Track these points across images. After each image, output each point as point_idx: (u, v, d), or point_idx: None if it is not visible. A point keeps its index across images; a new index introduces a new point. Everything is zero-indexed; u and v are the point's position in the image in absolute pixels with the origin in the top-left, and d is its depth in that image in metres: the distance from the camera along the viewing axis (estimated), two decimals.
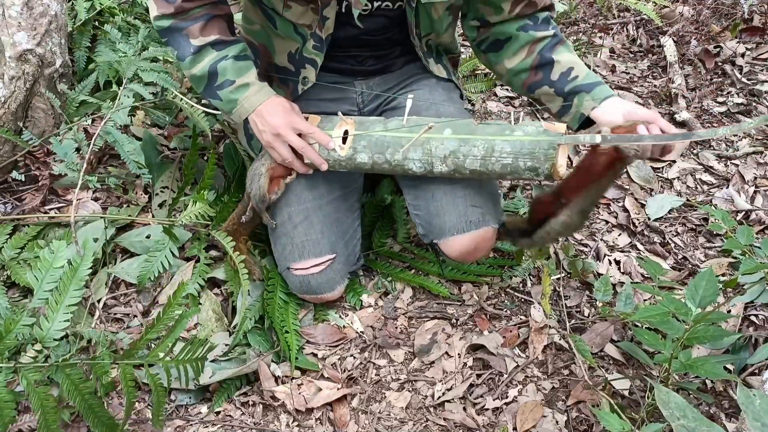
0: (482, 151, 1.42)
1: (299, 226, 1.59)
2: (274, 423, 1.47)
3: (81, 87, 1.87)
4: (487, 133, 1.43)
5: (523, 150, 1.40)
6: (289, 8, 1.48)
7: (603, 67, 2.70)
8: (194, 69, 1.49)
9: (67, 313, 1.23)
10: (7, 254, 1.61)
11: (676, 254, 1.92)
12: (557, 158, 1.40)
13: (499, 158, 1.42)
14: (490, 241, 1.59)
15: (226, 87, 1.49)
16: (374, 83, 1.69)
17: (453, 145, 1.44)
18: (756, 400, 1.06)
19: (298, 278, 1.61)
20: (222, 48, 1.49)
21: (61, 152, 1.60)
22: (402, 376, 1.57)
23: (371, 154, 1.49)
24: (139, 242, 1.71)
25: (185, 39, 1.48)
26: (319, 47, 1.54)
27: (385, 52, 1.65)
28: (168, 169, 1.90)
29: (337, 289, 1.65)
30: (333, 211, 1.64)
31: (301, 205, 1.60)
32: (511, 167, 1.42)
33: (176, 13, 1.47)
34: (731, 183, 2.16)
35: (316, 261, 1.60)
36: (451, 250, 1.57)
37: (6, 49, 1.69)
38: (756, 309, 1.67)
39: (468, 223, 1.53)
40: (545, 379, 1.56)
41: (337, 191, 1.66)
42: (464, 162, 1.44)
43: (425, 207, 1.58)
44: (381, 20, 1.53)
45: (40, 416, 1.18)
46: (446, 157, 1.45)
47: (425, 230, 1.60)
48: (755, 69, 2.69)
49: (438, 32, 1.59)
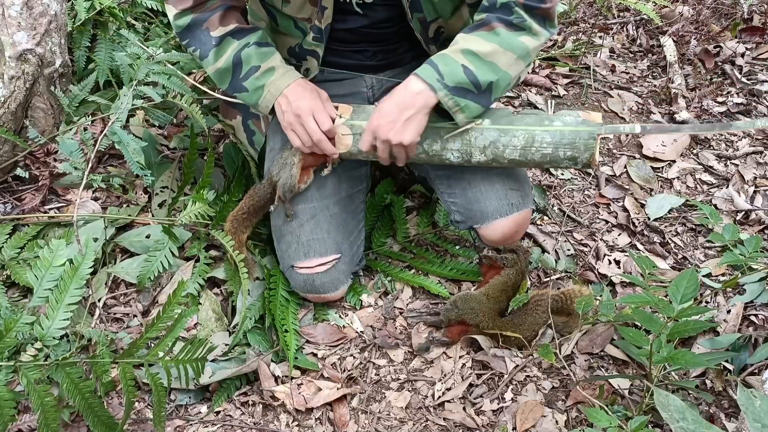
0: (522, 141, 1.43)
1: (306, 224, 1.59)
2: (273, 423, 1.47)
3: (81, 87, 1.87)
4: (526, 123, 1.44)
5: (563, 140, 1.42)
6: (288, 2, 1.48)
7: (603, 67, 2.70)
8: (218, 62, 1.49)
9: (67, 312, 1.23)
10: (7, 254, 1.61)
11: (675, 254, 1.92)
12: (596, 148, 1.43)
13: (539, 148, 1.43)
14: (528, 223, 1.62)
15: (252, 74, 1.48)
16: (384, 77, 1.68)
17: (493, 136, 1.44)
18: (756, 401, 1.06)
19: (303, 277, 1.60)
20: (242, 36, 1.49)
21: (66, 151, 1.60)
22: (402, 376, 1.57)
23: None
24: (138, 242, 1.71)
25: (206, 33, 1.48)
26: (319, 38, 1.53)
27: (392, 47, 1.64)
28: (168, 168, 1.90)
29: (341, 289, 1.65)
30: (340, 212, 1.64)
31: (309, 204, 1.60)
32: (551, 157, 1.45)
33: (195, 6, 1.47)
34: (731, 183, 2.16)
35: (322, 260, 1.60)
36: (492, 234, 1.58)
37: (6, 49, 1.69)
38: (756, 309, 1.67)
39: (510, 206, 1.54)
40: (545, 379, 1.56)
41: (344, 192, 1.66)
42: (504, 152, 1.45)
43: (462, 194, 1.58)
44: (381, 9, 1.51)
45: (40, 415, 1.18)
46: (485, 147, 1.45)
47: (463, 216, 1.60)
48: (755, 69, 2.69)
49: (444, 17, 1.53)
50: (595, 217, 2.04)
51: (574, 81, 2.60)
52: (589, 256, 1.89)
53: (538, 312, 1.60)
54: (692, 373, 1.54)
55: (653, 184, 2.16)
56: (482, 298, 1.61)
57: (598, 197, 2.11)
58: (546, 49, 2.77)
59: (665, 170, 2.23)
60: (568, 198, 2.10)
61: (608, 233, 1.99)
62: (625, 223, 2.02)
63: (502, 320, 1.61)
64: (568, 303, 1.61)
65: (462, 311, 1.58)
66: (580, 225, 2.00)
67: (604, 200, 2.10)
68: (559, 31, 2.90)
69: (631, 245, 1.95)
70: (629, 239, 1.97)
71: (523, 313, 1.61)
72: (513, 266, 1.65)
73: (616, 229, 2.01)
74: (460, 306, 1.59)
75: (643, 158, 2.25)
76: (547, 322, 1.60)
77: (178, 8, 1.47)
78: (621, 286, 1.79)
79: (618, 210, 2.07)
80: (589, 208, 2.07)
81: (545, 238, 1.92)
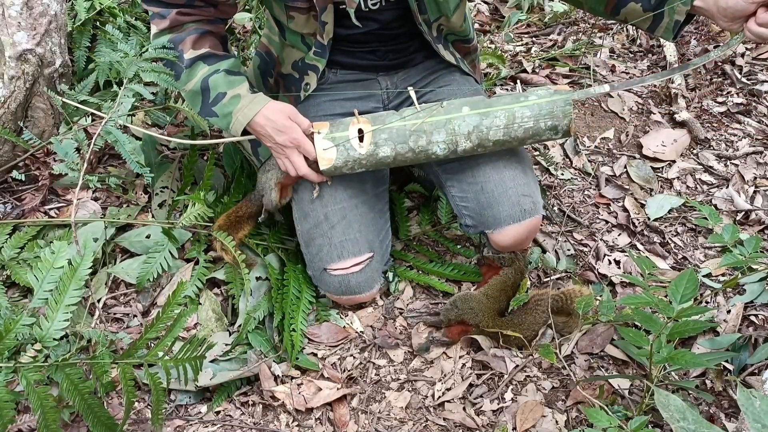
0: (504, 120, 1.48)
1: (337, 225, 1.59)
2: (273, 423, 1.47)
3: (81, 87, 1.87)
4: (503, 103, 1.50)
5: (542, 111, 1.48)
6: (292, 19, 1.50)
7: (603, 67, 2.70)
8: (189, 85, 1.51)
9: (66, 313, 1.23)
10: (7, 254, 1.61)
11: (675, 254, 1.92)
12: (572, 114, 1.48)
13: (521, 124, 1.48)
14: (537, 229, 1.64)
15: (220, 101, 1.49)
16: (398, 79, 1.69)
17: (475, 120, 1.48)
18: (756, 401, 1.06)
19: (338, 279, 1.60)
20: (213, 62, 1.51)
21: (62, 152, 1.60)
22: (402, 376, 1.57)
23: (394, 146, 1.49)
24: (138, 242, 1.71)
25: (180, 54, 1.50)
26: (320, 53, 1.56)
27: (403, 46, 1.65)
28: (168, 169, 1.90)
29: (375, 288, 1.65)
30: (368, 210, 1.64)
31: (338, 205, 1.60)
32: (533, 130, 1.49)
33: (172, 27, 1.50)
34: (731, 183, 2.16)
35: (356, 260, 1.59)
36: (504, 240, 1.59)
37: (6, 49, 1.69)
38: (756, 309, 1.67)
39: (522, 212, 1.56)
40: (545, 379, 1.56)
41: (370, 191, 1.67)
42: (488, 134, 1.49)
43: (474, 199, 1.59)
44: (388, 12, 1.53)
45: (39, 416, 1.18)
46: (470, 132, 1.49)
47: (475, 221, 1.61)
48: (755, 69, 2.69)
49: (447, 15, 1.57)
50: (595, 217, 2.04)
51: (574, 81, 2.60)
52: (589, 256, 1.89)
53: (538, 312, 1.60)
54: (692, 373, 1.54)
55: (653, 184, 2.16)
56: (482, 298, 1.61)
57: (598, 197, 2.11)
58: (546, 49, 2.77)
59: (665, 170, 2.23)
60: (568, 198, 2.10)
61: (608, 233, 1.99)
62: (625, 223, 2.02)
63: (502, 320, 1.61)
64: (568, 303, 1.61)
65: (462, 311, 1.58)
66: (580, 225, 2.00)
67: (604, 200, 2.10)
68: (559, 31, 2.90)
69: (631, 245, 1.95)
70: (629, 239, 1.97)
71: (523, 312, 1.61)
72: (511, 265, 1.65)
73: (616, 229, 2.01)
74: (459, 306, 1.59)
75: (643, 158, 2.25)
76: (547, 322, 1.60)
77: (158, 27, 1.51)
78: (621, 286, 1.79)
79: (618, 210, 2.07)
80: (589, 208, 2.07)
81: (545, 238, 1.92)
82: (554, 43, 2.83)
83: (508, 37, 2.82)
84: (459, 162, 1.60)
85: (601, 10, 1.51)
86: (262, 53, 1.74)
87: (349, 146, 1.49)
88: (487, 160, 1.57)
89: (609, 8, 1.49)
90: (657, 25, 1.45)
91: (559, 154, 2.25)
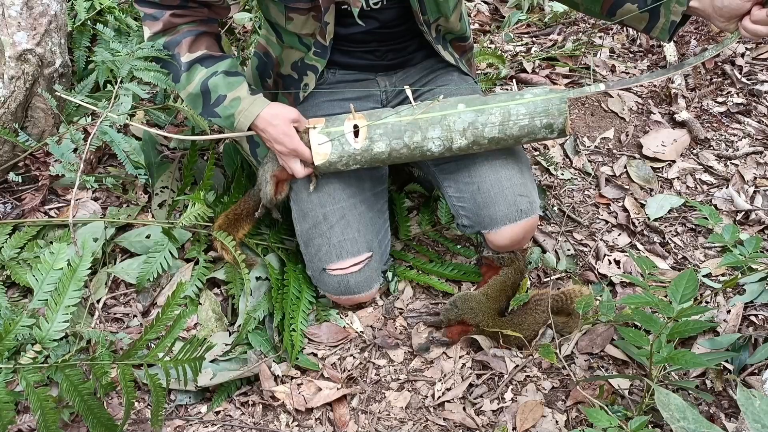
0: (499, 117, 1.48)
1: (336, 225, 1.59)
2: (273, 423, 1.47)
3: (81, 87, 1.87)
4: (499, 100, 1.49)
5: (537, 109, 1.47)
6: (291, 20, 1.50)
7: (603, 67, 2.70)
8: (189, 88, 1.51)
9: (66, 314, 1.23)
10: (6, 254, 1.61)
11: (675, 254, 1.92)
12: (568, 112, 1.48)
13: (516, 121, 1.48)
14: (534, 229, 1.64)
15: (221, 102, 1.50)
16: (397, 79, 1.69)
17: (470, 117, 1.48)
18: (756, 401, 1.06)
19: (336, 279, 1.60)
20: (211, 64, 1.51)
21: (58, 153, 1.59)
22: (402, 376, 1.57)
23: (389, 141, 1.49)
24: (138, 242, 1.71)
25: (177, 58, 1.50)
26: (320, 53, 1.56)
27: (402, 45, 1.65)
28: (168, 169, 1.90)
29: (374, 288, 1.65)
30: (367, 210, 1.64)
31: (337, 205, 1.60)
32: (528, 128, 1.49)
33: (165, 30, 1.49)
34: (731, 183, 2.16)
35: (355, 260, 1.59)
36: (500, 240, 1.59)
37: (6, 49, 1.69)
38: (756, 309, 1.67)
39: (519, 212, 1.55)
40: (545, 379, 1.56)
41: (369, 191, 1.67)
42: (483, 131, 1.49)
43: (471, 199, 1.58)
44: (388, 10, 1.53)
45: (39, 416, 1.18)
46: (465, 129, 1.48)
47: (472, 221, 1.61)
48: (755, 69, 2.69)
49: (446, 15, 1.57)
50: (595, 217, 2.04)
51: (574, 81, 2.60)
52: (589, 256, 1.89)
53: (538, 312, 1.60)
54: (692, 373, 1.54)
55: (653, 184, 2.16)
56: (482, 298, 1.61)
57: (598, 197, 2.11)
58: (546, 49, 2.77)
59: (665, 170, 2.23)
60: (568, 198, 2.10)
61: (608, 233, 1.99)
62: (625, 223, 2.02)
63: (501, 320, 1.61)
64: (568, 303, 1.61)
65: (462, 311, 1.58)
66: (580, 225, 2.00)
67: (604, 200, 2.10)
68: (559, 31, 2.90)
69: (631, 245, 1.95)
70: (629, 239, 1.97)
71: (523, 312, 1.61)
72: (511, 265, 1.65)
73: (616, 229, 2.01)
74: (459, 306, 1.59)
75: (643, 158, 2.25)
76: (547, 322, 1.60)
77: (151, 30, 1.50)
78: (621, 286, 1.79)
79: (618, 210, 2.07)
80: (589, 208, 2.07)
81: (545, 238, 1.92)
82: (554, 43, 2.83)
83: (508, 37, 2.82)
84: (456, 162, 1.60)
85: (597, 10, 1.52)
86: (260, 54, 1.74)
87: (344, 141, 1.49)
88: (483, 160, 1.57)
89: (605, 9, 1.49)
90: (653, 26, 1.45)
91: (559, 154, 2.25)
